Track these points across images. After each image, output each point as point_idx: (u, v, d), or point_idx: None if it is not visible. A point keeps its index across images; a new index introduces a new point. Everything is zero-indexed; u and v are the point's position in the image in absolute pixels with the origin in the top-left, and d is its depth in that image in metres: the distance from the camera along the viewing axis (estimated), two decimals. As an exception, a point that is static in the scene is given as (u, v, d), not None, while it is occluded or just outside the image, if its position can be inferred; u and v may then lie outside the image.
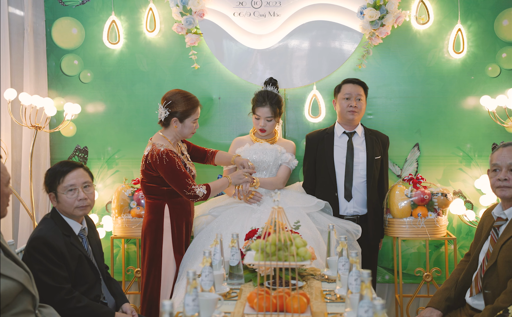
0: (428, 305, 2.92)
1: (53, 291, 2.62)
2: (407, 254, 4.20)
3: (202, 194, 3.34)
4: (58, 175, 2.80)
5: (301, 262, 2.16)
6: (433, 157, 4.18)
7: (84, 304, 2.67)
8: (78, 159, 4.30)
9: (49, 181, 2.82)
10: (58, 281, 2.64)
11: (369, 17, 3.98)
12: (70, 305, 2.63)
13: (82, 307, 2.66)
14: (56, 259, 2.65)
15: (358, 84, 3.78)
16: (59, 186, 2.78)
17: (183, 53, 4.23)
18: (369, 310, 1.74)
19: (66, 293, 2.64)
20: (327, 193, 3.73)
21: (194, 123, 3.43)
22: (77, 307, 2.65)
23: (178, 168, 3.27)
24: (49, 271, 2.63)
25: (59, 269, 2.66)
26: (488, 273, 2.69)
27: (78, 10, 4.27)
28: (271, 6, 4.15)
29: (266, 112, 3.71)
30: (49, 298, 2.60)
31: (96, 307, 2.74)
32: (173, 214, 3.36)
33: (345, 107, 3.76)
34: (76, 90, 4.28)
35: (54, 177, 2.81)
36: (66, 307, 2.62)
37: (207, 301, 2.05)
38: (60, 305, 2.61)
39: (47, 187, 2.83)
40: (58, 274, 2.65)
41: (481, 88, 4.11)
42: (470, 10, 4.11)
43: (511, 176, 2.72)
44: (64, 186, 2.78)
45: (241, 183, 3.55)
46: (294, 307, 2.07)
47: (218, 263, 2.49)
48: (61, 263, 2.67)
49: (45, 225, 2.76)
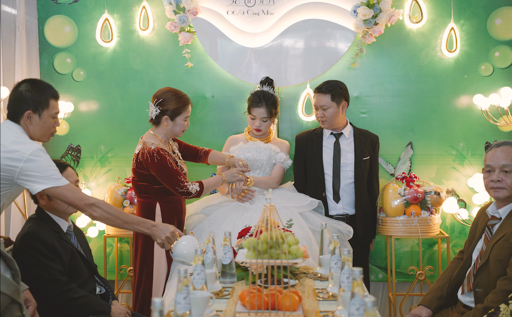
0: (420, 303, 2.94)
1: (48, 284, 2.67)
2: (400, 253, 4.20)
3: (195, 190, 3.33)
4: None
5: (293, 260, 2.16)
6: (426, 156, 4.18)
7: (81, 294, 2.73)
8: (71, 157, 4.28)
9: None
10: (53, 274, 2.69)
11: (362, 16, 3.99)
12: (67, 296, 2.69)
13: (79, 298, 2.73)
14: (49, 253, 2.70)
15: (323, 92, 3.66)
16: None
17: (177, 52, 4.22)
18: (361, 307, 1.74)
19: (63, 284, 2.70)
20: (317, 193, 3.72)
21: (185, 121, 3.43)
22: (74, 298, 2.70)
23: (170, 165, 3.27)
24: (43, 265, 2.68)
25: (53, 262, 2.70)
26: (480, 271, 2.71)
27: (71, 8, 4.25)
28: (265, 4, 4.15)
29: (262, 113, 3.70)
30: (45, 291, 2.63)
31: (92, 299, 2.80)
32: (165, 213, 3.36)
33: (317, 116, 3.77)
34: (69, 88, 4.26)
35: None
36: (64, 297, 2.68)
37: (199, 299, 2.05)
38: (57, 297, 2.66)
39: None
40: (52, 268, 2.69)
41: (474, 87, 4.12)
42: (463, 9, 4.12)
43: (504, 177, 2.72)
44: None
45: (235, 181, 3.55)
46: (286, 305, 2.07)
47: (210, 261, 2.49)
48: (54, 256, 2.72)
49: (34, 222, 2.79)
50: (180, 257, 2.61)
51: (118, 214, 2.67)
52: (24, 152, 2.40)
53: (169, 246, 2.70)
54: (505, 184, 2.72)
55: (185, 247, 2.62)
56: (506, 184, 2.71)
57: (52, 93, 2.66)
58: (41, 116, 2.60)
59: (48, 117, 2.62)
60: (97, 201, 2.60)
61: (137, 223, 2.73)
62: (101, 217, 2.60)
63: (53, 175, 2.47)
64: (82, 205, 2.55)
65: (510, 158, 2.72)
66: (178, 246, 2.64)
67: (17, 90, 2.60)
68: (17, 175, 2.41)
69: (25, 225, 2.83)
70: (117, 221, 2.66)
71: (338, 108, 3.69)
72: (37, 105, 2.58)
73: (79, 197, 2.55)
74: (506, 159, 2.72)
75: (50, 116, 2.63)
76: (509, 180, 2.71)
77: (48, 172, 2.45)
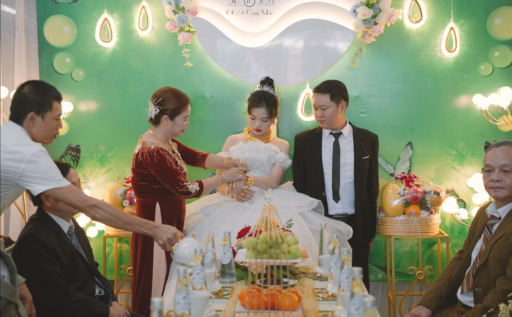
0: (420, 303, 2.94)
1: (46, 288, 2.65)
2: (400, 253, 4.20)
3: (195, 190, 3.33)
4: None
5: (292, 260, 2.16)
6: (426, 155, 4.18)
7: (78, 298, 2.71)
8: (71, 157, 4.28)
9: None
10: (51, 278, 2.67)
11: (362, 16, 3.99)
12: (64, 300, 2.67)
13: (76, 301, 2.71)
14: (48, 256, 2.68)
15: (322, 92, 3.67)
16: None
17: (176, 52, 4.22)
18: (360, 307, 1.74)
19: (60, 288, 2.68)
20: (316, 193, 3.71)
21: (184, 121, 3.42)
22: (71, 302, 2.69)
23: (169, 165, 3.27)
24: (42, 268, 2.66)
25: (52, 265, 2.68)
26: (479, 271, 2.71)
27: (71, 8, 4.25)
28: (264, 4, 4.14)
29: (262, 113, 3.69)
30: (43, 295, 2.62)
31: (90, 301, 2.78)
32: (164, 213, 3.35)
33: (316, 116, 3.76)
34: (68, 88, 4.26)
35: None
36: (60, 302, 2.67)
37: (198, 299, 2.05)
38: (54, 301, 2.64)
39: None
40: (51, 271, 2.68)
41: (474, 86, 4.12)
42: (462, 8, 4.12)
43: (503, 177, 2.73)
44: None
45: (235, 180, 3.55)
46: (286, 304, 2.06)
47: (210, 261, 2.49)
48: (54, 259, 2.70)
49: (34, 224, 2.78)
50: (181, 259, 2.61)
51: (120, 215, 2.67)
52: (26, 154, 2.41)
53: (170, 247, 2.70)
54: (504, 183, 2.72)
55: (186, 249, 2.62)
56: (506, 184, 2.71)
57: (55, 95, 2.66)
58: (44, 118, 2.60)
59: (51, 119, 2.62)
60: (99, 202, 2.60)
61: (139, 224, 2.73)
62: (103, 218, 2.60)
63: (54, 176, 2.47)
64: (84, 206, 2.55)
65: (510, 158, 2.72)
66: (179, 248, 2.65)
67: (20, 92, 2.60)
68: (18, 176, 2.41)
69: (25, 226, 2.81)
70: (119, 222, 2.66)
71: (337, 108, 3.69)
72: (40, 107, 2.58)
73: (81, 198, 2.55)
74: (506, 158, 2.72)
75: (53, 118, 2.63)
76: (508, 179, 2.71)
77: (49, 174, 2.45)
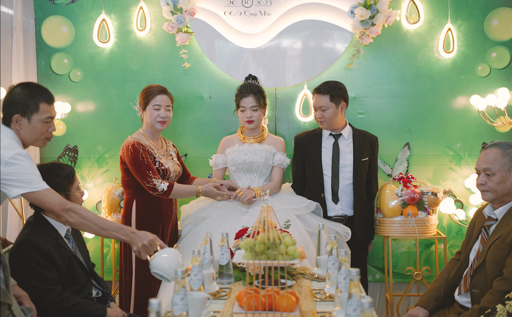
0: (417, 303, 2.94)
1: (43, 294, 2.61)
2: (397, 253, 4.21)
3: (162, 189, 3.33)
4: (69, 176, 2.90)
5: (290, 261, 2.16)
6: (424, 156, 4.19)
7: (74, 302, 2.67)
8: (68, 158, 4.27)
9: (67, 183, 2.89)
10: (48, 284, 2.62)
11: (359, 17, 3.99)
12: (60, 306, 2.62)
13: (73, 305, 2.66)
14: (45, 262, 2.64)
15: (322, 93, 3.67)
16: (72, 185, 2.91)
17: (174, 52, 4.22)
18: (358, 308, 1.74)
19: (56, 295, 2.63)
20: (315, 194, 3.72)
21: (156, 110, 3.48)
22: (67, 307, 2.64)
23: (141, 159, 3.32)
24: (38, 274, 2.62)
25: (49, 271, 2.64)
26: (477, 272, 2.71)
27: (68, 9, 4.24)
28: (262, 5, 4.15)
29: (250, 101, 3.69)
30: (39, 301, 2.59)
31: (87, 304, 2.74)
32: (139, 211, 3.42)
33: (315, 117, 3.76)
34: (66, 89, 4.25)
35: (69, 179, 2.90)
36: (56, 308, 2.62)
37: (196, 300, 2.05)
38: (50, 307, 2.60)
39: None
40: (47, 277, 2.63)
41: (471, 87, 4.13)
42: (460, 9, 4.13)
43: (487, 180, 2.75)
44: (76, 185, 2.94)
45: (210, 197, 3.55)
46: (283, 305, 2.06)
47: (207, 262, 2.49)
48: (50, 265, 2.66)
49: (31, 228, 2.74)
50: (159, 271, 2.31)
51: (95, 219, 2.48)
52: (4, 156, 2.33)
53: (146, 255, 2.43)
54: (487, 186, 2.74)
55: (166, 260, 2.31)
56: (489, 187, 2.74)
57: (44, 98, 2.58)
58: (31, 121, 2.53)
59: (38, 121, 2.54)
60: (74, 206, 2.45)
61: (114, 229, 2.50)
62: (77, 222, 2.45)
63: (31, 179, 2.37)
64: (59, 210, 2.41)
65: (492, 161, 2.73)
66: (157, 258, 2.34)
67: (9, 94, 2.56)
68: None
69: (22, 230, 2.76)
70: (94, 227, 2.47)
71: (337, 109, 3.69)
72: (26, 109, 2.51)
73: (56, 201, 2.41)
74: (488, 162, 2.74)
75: (41, 121, 2.55)
76: (491, 182, 2.73)
77: (26, 176, 2.36)
